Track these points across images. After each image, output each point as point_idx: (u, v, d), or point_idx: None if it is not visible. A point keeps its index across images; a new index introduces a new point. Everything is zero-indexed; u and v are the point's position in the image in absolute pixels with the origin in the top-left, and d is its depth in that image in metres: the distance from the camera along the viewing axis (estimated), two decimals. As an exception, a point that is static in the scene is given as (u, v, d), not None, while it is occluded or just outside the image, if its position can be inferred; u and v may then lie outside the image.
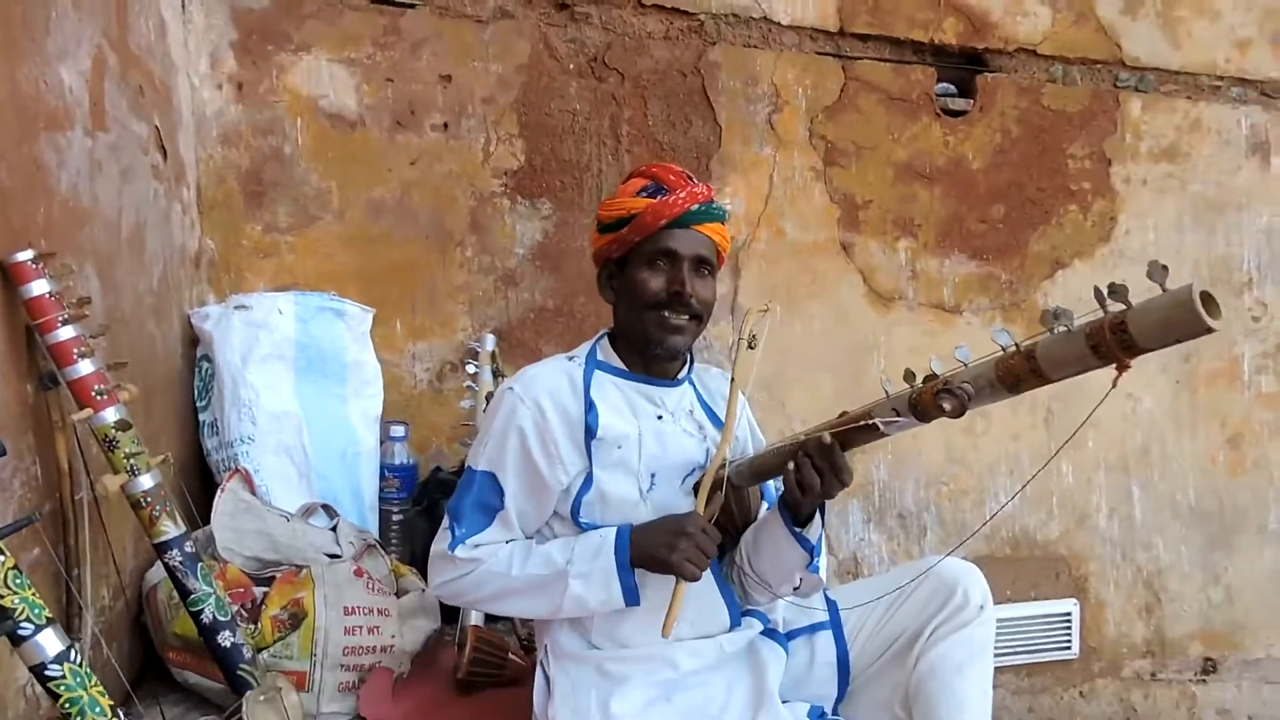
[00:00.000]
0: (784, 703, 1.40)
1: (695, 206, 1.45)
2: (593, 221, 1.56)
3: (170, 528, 1.48)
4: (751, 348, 1.45)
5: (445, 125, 2.49)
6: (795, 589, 1.49)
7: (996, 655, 2.75)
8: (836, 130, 2.67)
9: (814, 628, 1.51)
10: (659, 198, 1.44)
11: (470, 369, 2.39)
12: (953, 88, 2.78)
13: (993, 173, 2.75)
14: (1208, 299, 0.89)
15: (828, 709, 1.46)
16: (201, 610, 1.51)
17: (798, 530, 1.39)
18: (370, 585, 1.79)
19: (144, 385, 1.89)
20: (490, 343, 2.44)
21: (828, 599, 1.54)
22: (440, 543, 1.44)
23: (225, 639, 1.52)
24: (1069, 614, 2.78)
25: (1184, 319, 0.89)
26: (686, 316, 1.46)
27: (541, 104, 2.53)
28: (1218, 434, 2.91)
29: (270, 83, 2.38)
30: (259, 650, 1.65)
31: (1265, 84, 2.89)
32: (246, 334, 2.19)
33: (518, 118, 2.52)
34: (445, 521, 1.45)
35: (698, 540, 1.31)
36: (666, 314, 1.44)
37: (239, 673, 1.53)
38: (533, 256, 2.55)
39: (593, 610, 1.40)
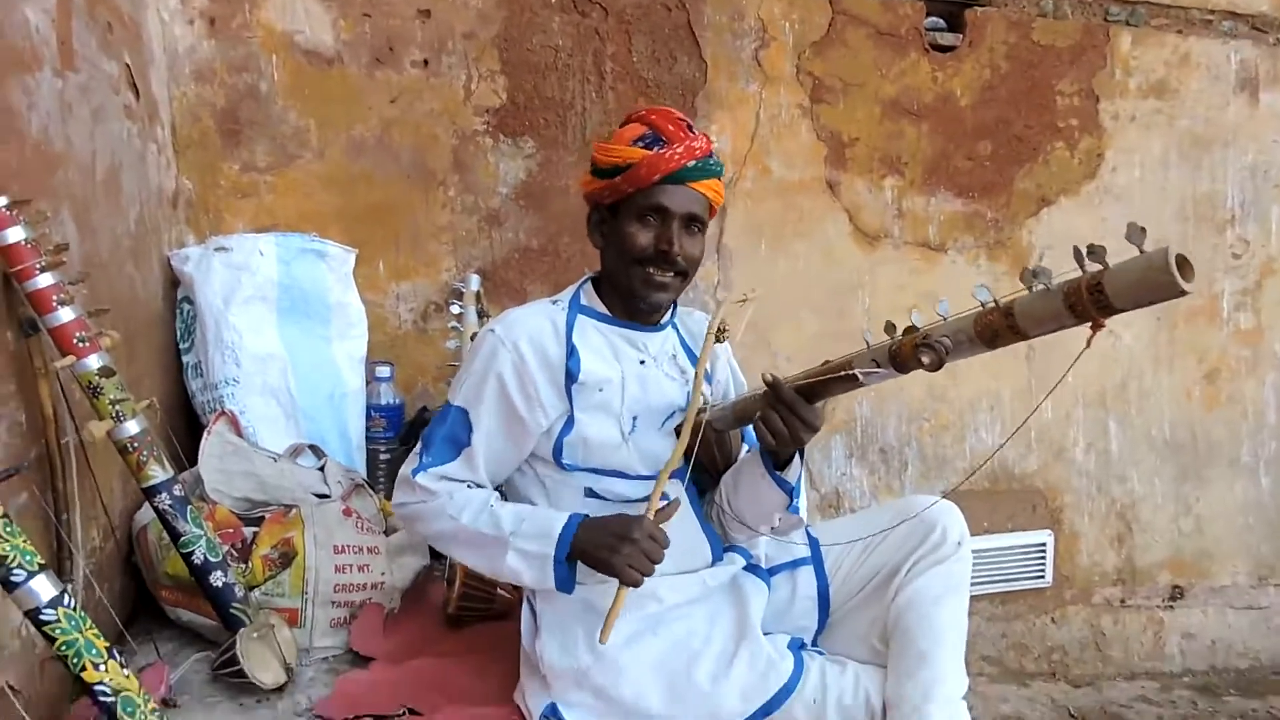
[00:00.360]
0: (765, 634, 1.44)
1: (692, 163, 1.42)
2: (578, 160, 1.56)
3: (158, 472, 1.49)
4: (722, 339, 1.45)
5: (425, 62, 2.44)
6: (773, 529, 1.51)
7: (974, 584, 2.82)
8: (824, 66, 2.64)
9: (796, 563, 1.55)
10: (656, 150, 1.42)
11: (455, 309, 2.39)
12: (942, 22, 2.74)
13: (981, 109, 2.73)
14: (1182, 262, 0.90)
15: (808, 640, 1.51)
16: (192, 552, 1.53)
17: (777, 473, 1.41)
18: (359, 524, 1.82)
19: (125, 329, 1.89)
20: (475, 283, 2.44)
21: (809, 535, 1.57)
22: (407, 466, 1.46)
23: (217, 579, 1.55)
24: (1044, 544, 2.85)
25: (1159, 281, 0.91)
26: (672, 274, 1.45)
27: (523, 39, 2.48)
28: (1195, 369, 2.95)
29: (243, 17, 2.32)
30: (251, 589, 1.68)
31: (1256, 18, 2.86)
32: (228, 276, 2.17)
33: (499, 54, 2.47)
34: (417, 446, 1.47)
35: (643, 546, 1.29)
36: (652, 270, 1.44)
37: (232, 611, 1.56)
38: (516, 196, 2.53)
39: (525, 585, 1.42)
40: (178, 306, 2.27)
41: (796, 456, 1.42)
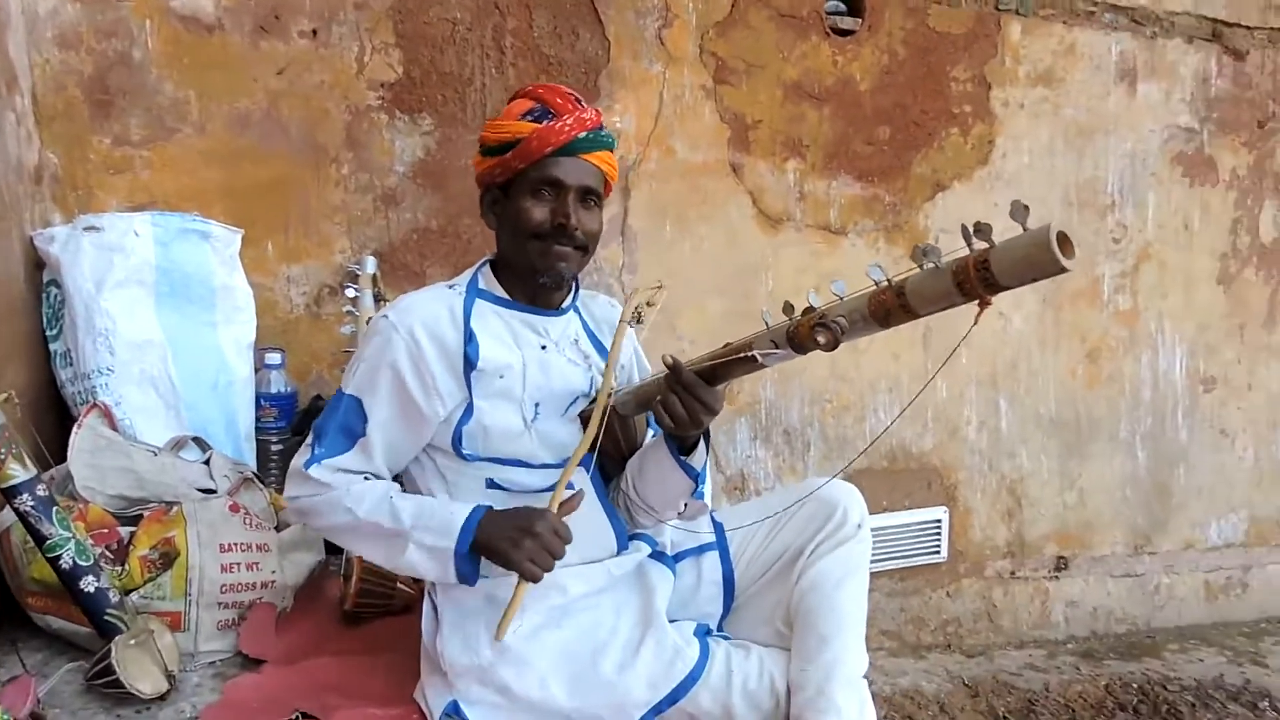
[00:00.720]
0: (672, 622, 1.43)
1: (583, 134, 1.40)
2: (477, 141, 1.51)
3: (18, 471, 1.38)
4: (637, 323, 1.44)
5: (314, 32, 2.32)
6: (680, 514, 1.50)
7: (873, 562, 2.88)
8: (727, 47, 2.63)
9: (701, 549, 1.54)
10: (545, 123, 1.39)
11: (350, 293, 2.29)
12: (842, 5, 2.76)
13: (879, 94, 2.77)
14: (1063, 239, 0.93)
15: (713, 626, 1.50)
16: (60, 556, 1.42)
17: (682, 459, 1.40)
18: (247, 520, 1.73)
19: (-19, 315, 1.75)
20: (371, 265, 2.34)
21: (714, 521, 1.57)
22: (299, 458, 1.40)
23: (89, 584, 1.44)
24: (939, 521, 2.94)
25: (1041, 258, 0.93)
26: (571, 247, 1.42)
27: (419, 11, 2.39)
28: (1078, 349, 3.08)
29: (112, -21, 2.16)
30: (128, 592, 1.58)
31: (1135, 10, 2.99)
32: (99, 258, 2.03)
33: (393, 26, 2.37)
34: (308, 438, 1.41)
35: (545, 541, 1.27)
36: (551, 244, 1.41)
37: (106, 618, 1.46)
38: (414, 175, 2.44)
39: (428, 579, 1.38)
40: (43, 290, 2.11)
41: (701, 442, 1.41)
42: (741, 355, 1.24)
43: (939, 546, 2.94)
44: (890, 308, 1.08)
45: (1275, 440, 3.35)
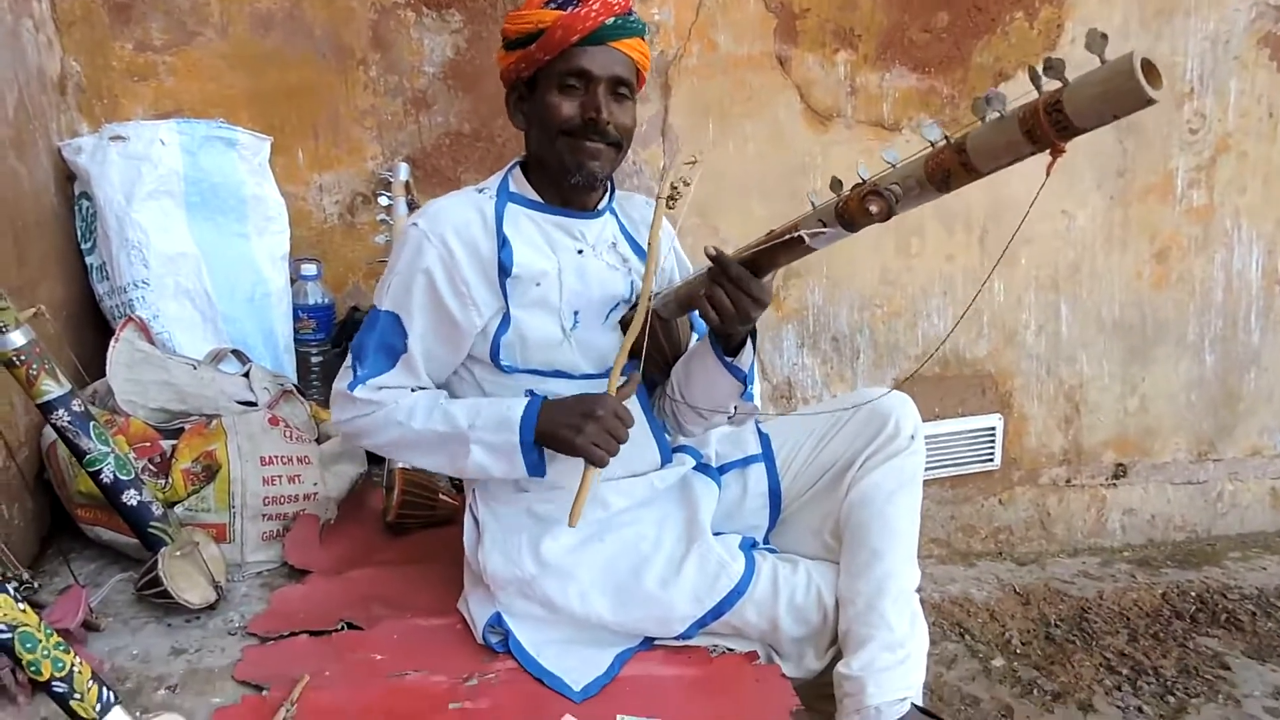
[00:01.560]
0: (717, 535, 1.40)
1: (610, 20, 1.30)
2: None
3: (52, 387, 1.36)
4: (672, 205, 1.34)
5: (335, -79, 2.20)
6: (730, 418, 1.45)
7: (925, 470, 2.85)
8: (773, -73, 2.44)
9: (746, 461, 1.50)
10: (569, 9, 1.29)
11: (383, 201, 2.24)
12: (898, -123, 2.54)
13: (938, -25, 2.57)
14: (1148, 67, 0.82)
15: (759, 539, 1.46)
16: (100, 470, 1.41)
17: (729, 360, 1.34)
18: (288, 433, 1.71)
19: (11, 229, 1.72)
20: (404, 172, 2.27)
21: (760, 432, 1.51)
22: (341, 380, 1.37)
23: (131, 498, 1.44)
24: (993, 428, 2.85)
25: (1124, 89, 0.82)
26: (604, 143, 1.33)
27: (444, -104, 2.25)
28: (1146, 249, 2.91)
29: None
30: (172, 504, 1.58)
31: None
32: (127, 168, 1.99)
33: (417, -88, 2.24)
34: (348, 359, 1.38)
35: (608, 424, 1.23)
36: (581, 140, 1.32)
37: (150, 530, 1.46)
38: (445, 75, 2.34)
39: (496, 478, 1.35)
40: (75, 203, 2.08)
41: (749, 341, 1.34)
42: (788, 238, 1.15)
43: (993, 454, 2.86)
44: (950, 167, 0.98)
45: (1355, 340, 3.18)
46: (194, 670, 1.36)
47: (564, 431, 1.25)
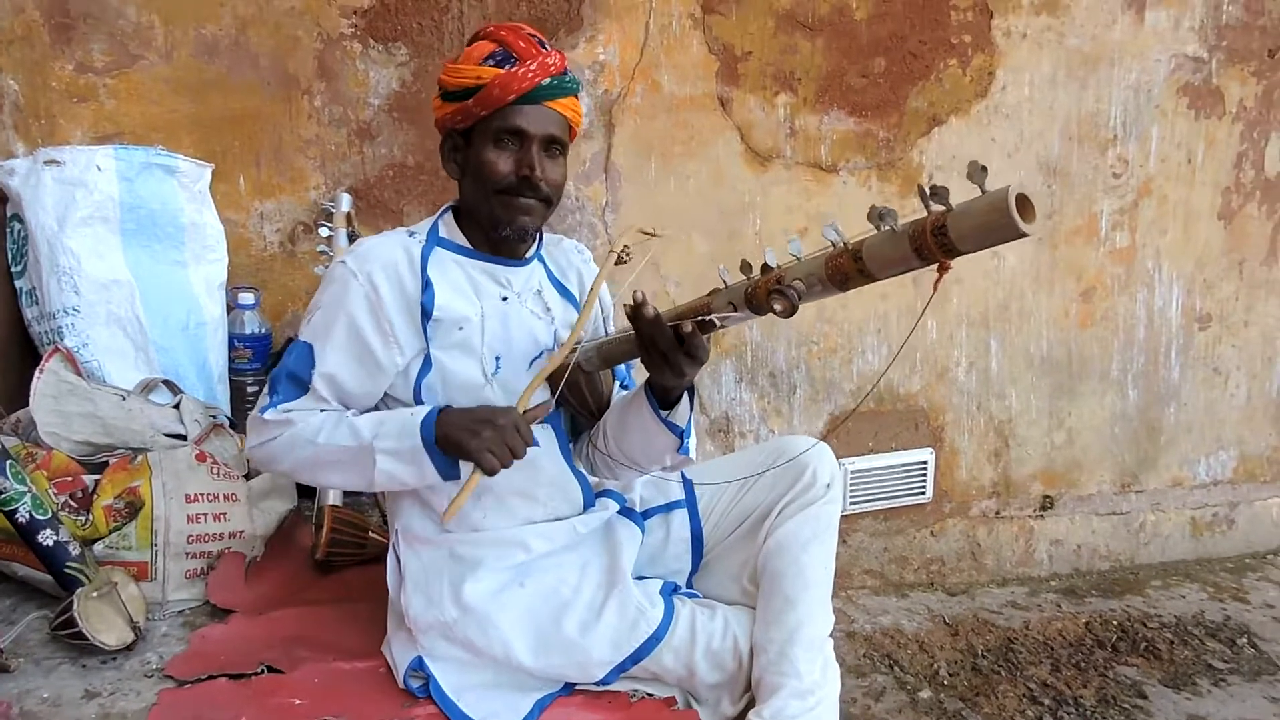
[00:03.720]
0: (639, 579, 1.42)
1: (547, 80, 1.34)
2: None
3: (-33, 424, 1.35)
4: (622, 261, 1.37)
5: (281, -46, 2.21)
6: (665, 468, 1.48)
7: (858, 503, 2.89)
8: (716, -28, 2.50)
9: (670, 506, 1.53)
10: (507, 68, 1.32)
11: (324, 232, 2.24)
12: (839, -74, 2.62)
13: (875, 24, 2.65)
14: (1024, 203, 0.88)
15: (682, 584, 1.49)
16: (15, 509, 1.40)
17: (665, 415, 1.36)
18: (215, 469, 1.71)
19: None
20: (346, 203, 2.28)
21: (684, 478, 1.54)
22: (256, 406, 1.38)
23: (47, 537, 1.43)
24: (925, 462, 2.93)
25: (999, 223, 0.88)
26: (535, 199, 1.37)
27: (391, -69, 2.27)
28: (1073, 288, 3.02)
29: (63, -104, 2.04)
30: (92, 542, 1.57)
31: (1149, -68, 2.84)
32: (60, 193, 1.97)
33: (364, -53, 2.25)
34: (266, 387, 1.39)
35: (506, 435, 1.24)
36: (515, 198, 1.35)
37: (66, 570, 1.45)
38: (390, 108, 2.35)
39: (410, 485, 1.35)
40: (7, 225, 2.06)
41: (685, 398, 1.37)
42: (699, 318, 1.20)
43: (924, 487, 2.94)
44: (848, 271, 1.04)
45: (1269, 377, 3.32)
46: (107, 714, 1.35)
47: (461, 434, 1.26)
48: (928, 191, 0.92)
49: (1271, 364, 3.31)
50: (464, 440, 1.25)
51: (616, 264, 1.41)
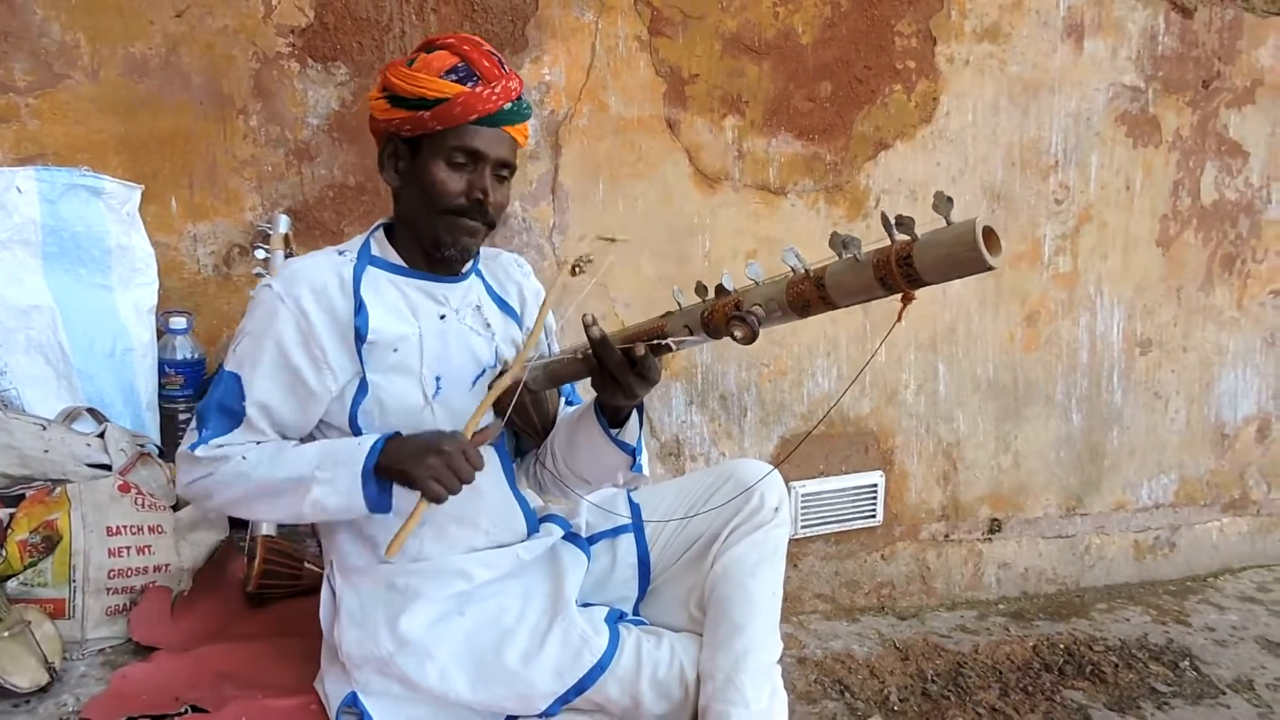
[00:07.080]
0: (585, 605, 1.38)
1: (509, 104, 1.32)
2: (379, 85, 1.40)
3: None
4: (577, 273, 1.34)
5: (215, -30, 2.15)
6: (618, 485, 1.45)
7: (809, 526, 2.86)
8: (663, -4, 2.51)
9: (616, 531, 1.49)
10: (471, 87, 1.29)
11: (260, 254, 2.17)
12: (784, -46, 2.65)
13: (821, 48, 2.68)
14: (989, 235, 0.87)
15: (628, 610, 1.45)
16: (-82, 546, 1.32)
17: (615, 434, 1.34)
18: (139, 501, 1.63)
19: None
20: (283, 224, 2.21)
21: (631, 502, 1.51)
22: (185, 442, 1.32)
23: (-47, 576, 1.34)
24: (875, 485, 2.93)
25: (965, 256, 0.87)
26: (482, 222, 1.34)
27: (331, -50, 2.23)
28: (1017, 311, 3.06)
29: (-15, -94, 1.97)
30: (6, 578, 1.48)
31: (1083, -34, 2.91)
32: (-22, 215, 1.88)
33: (303, -35, 2.21)
34: (193, 421, 1.32)
35: (453, 462, 1.19)
36: (463, 219, 1.32)
37: (-26, 611, 1.36)
38: (329, 128, 2.30)
39: (333, 515, 1.29)
40: (-79, 248, 1.96)
41: (635, 415, 1.34)
42: (654, 341, 1.17)
43: (874, 510, 2.93)
44: (810, 298, 1.01)
45: (1207, 402, 3.39)
46: (15, 763, 1.27)
47: (406, 462, 1.21)
48: (892, 221, 0.90)
49: (1209, 389, 3.38)
50: (409, 468, 1.20)
51: (572, 274, 1.37)
